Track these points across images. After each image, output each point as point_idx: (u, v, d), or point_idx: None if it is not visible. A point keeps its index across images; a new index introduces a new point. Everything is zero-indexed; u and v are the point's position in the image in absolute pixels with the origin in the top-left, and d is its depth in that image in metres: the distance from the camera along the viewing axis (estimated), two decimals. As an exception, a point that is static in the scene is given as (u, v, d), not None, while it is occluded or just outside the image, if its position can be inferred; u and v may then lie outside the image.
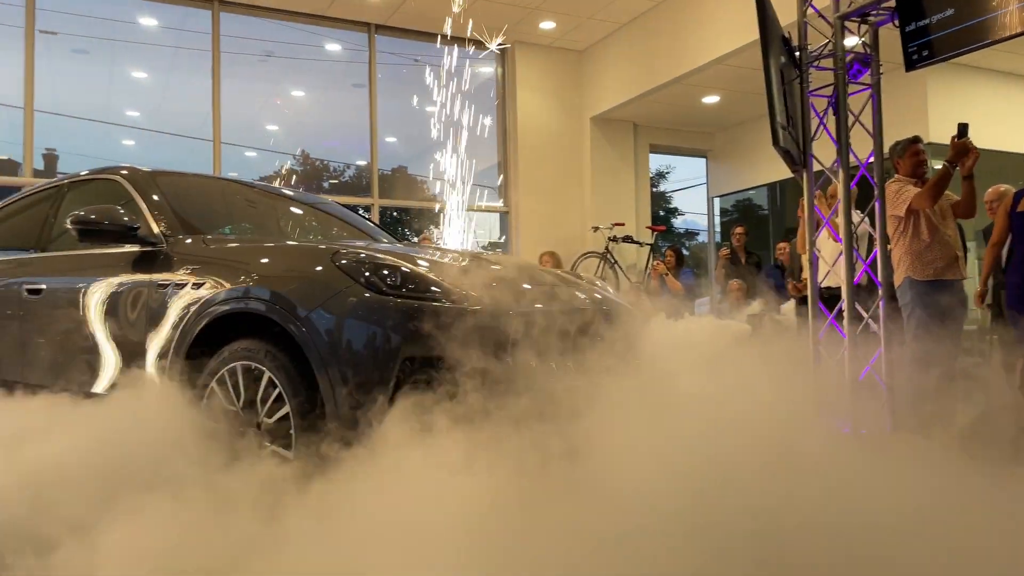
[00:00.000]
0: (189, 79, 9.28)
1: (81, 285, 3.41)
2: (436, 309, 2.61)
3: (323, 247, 2.98)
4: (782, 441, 2.36)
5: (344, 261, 2.71)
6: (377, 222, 6.27)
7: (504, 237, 10.27)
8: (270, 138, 10.07)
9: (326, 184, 10.17)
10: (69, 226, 3.24)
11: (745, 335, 6.64)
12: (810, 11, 4.44)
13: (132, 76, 9.40)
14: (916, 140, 5.02)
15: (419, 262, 2.88)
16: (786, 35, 4.35)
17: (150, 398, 2.83)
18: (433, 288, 2.69)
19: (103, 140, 9.16)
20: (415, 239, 9.17)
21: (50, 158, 8.54)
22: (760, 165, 10.14)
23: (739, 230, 8.68)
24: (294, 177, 9.59)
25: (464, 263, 3.08)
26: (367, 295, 2.61)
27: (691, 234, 13.90)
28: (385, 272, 2.67)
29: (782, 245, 7.98)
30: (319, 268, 2.75)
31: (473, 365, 2.55)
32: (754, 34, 4.11)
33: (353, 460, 2.36)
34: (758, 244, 10.55)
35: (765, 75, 3.97)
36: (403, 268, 2.72)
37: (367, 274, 2.66)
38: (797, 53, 4.39)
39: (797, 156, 4.31)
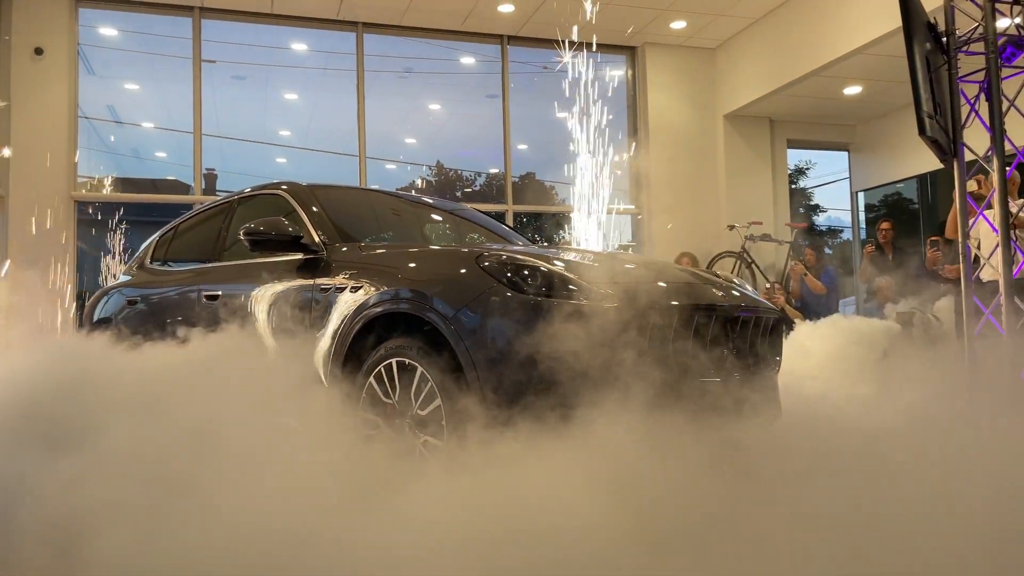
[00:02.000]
0: (335, 98, 9.85)
1: (253, 291, 3.75)
2: (574, 307, 2.72)
3: (467, 250, 3.15)
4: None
5: (487, 263, 2.87)
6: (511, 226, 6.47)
7: (635, 239, 10.25)
8: (409, 151, 10.53)
9: (459, 193, 10.51)
10: (241, 237, 3.59)
11: (895, 335, 6.37)
12: (957, -6, 4.26)
13: (284, 98, 10.10)
14: None
15: (556, 262, 3.00)
16: (931, 20, 4.18)
17: (317, 392, 3.09)
18: (571, 287, 2.80)
19: (258, 159, 9.88)
20: (545, 244, 9.32)
21: (210, 177, 9.26)
22: (908, 157, 9.64)
23: (885, 225, 8.31)
24: (426, 186, 9.96)
25: (600, 263, 3.18)
26: (509, 294, 2.75)
27: (834, 231, 13.35)
28: (526, 272, 2.81)
29: (934, 239, 7.59)
30: (464, 270, 2.93)
31: (611, 362, 2.65)
32: (897, 20, 3.98)
33: (499, 451, 2.48)
34: (909, 239, 10.02)
35: (909, 63, 3.84)
36: (542, 268, 2.84)
37: (509, 275, 2.80)
38: (944, 39, 4.21)
39: (947, 145, 4.14)
